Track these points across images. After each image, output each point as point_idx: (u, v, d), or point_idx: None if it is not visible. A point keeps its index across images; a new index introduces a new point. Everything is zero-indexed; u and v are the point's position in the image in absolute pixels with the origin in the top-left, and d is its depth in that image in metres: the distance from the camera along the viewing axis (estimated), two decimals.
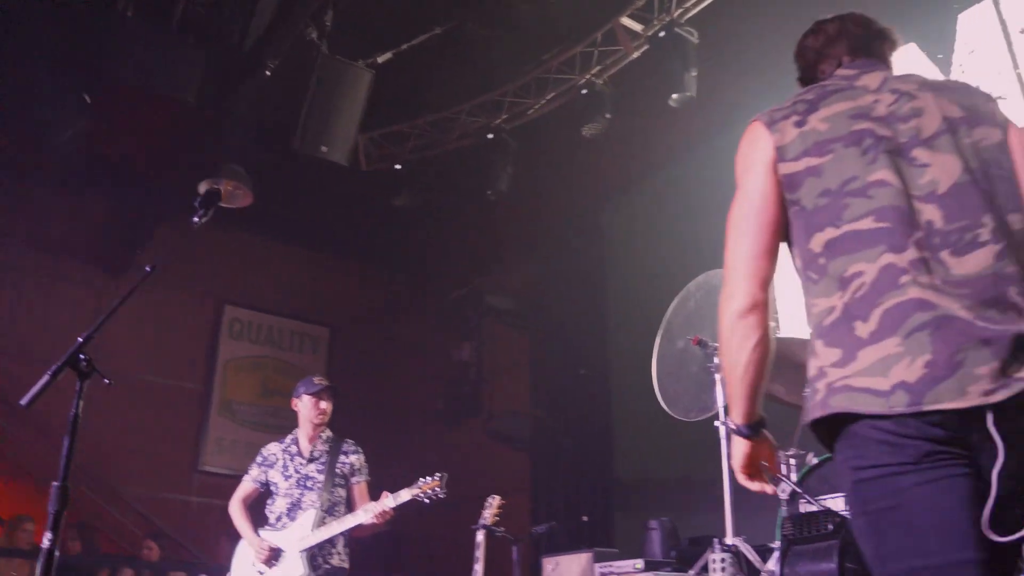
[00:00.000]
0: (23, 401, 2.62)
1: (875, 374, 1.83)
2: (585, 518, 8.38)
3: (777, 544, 4.56)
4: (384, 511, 5.02)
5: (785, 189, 2.11)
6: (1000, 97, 6.72)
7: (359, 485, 5.42)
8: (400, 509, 5.08)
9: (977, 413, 1.76)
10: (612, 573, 5.59)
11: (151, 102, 8.17)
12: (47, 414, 10.02)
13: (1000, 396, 1.74)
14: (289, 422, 5.64)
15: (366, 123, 8.73)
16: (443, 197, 10.69)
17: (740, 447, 2.24)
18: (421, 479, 5.05)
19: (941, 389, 1.76)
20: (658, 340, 5.07)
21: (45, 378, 2.64)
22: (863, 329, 1.88)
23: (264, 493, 5.47)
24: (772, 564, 4.42)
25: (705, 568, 4.58)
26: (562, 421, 9.35)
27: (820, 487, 4.46)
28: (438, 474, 5.02)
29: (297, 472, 5.36)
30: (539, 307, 10.22)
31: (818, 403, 1.93)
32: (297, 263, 12.01)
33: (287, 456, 5.45)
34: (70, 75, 7.74)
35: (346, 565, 5.29)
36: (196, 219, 3.13)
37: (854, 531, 1.96)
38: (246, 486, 5.50)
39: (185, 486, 10.63)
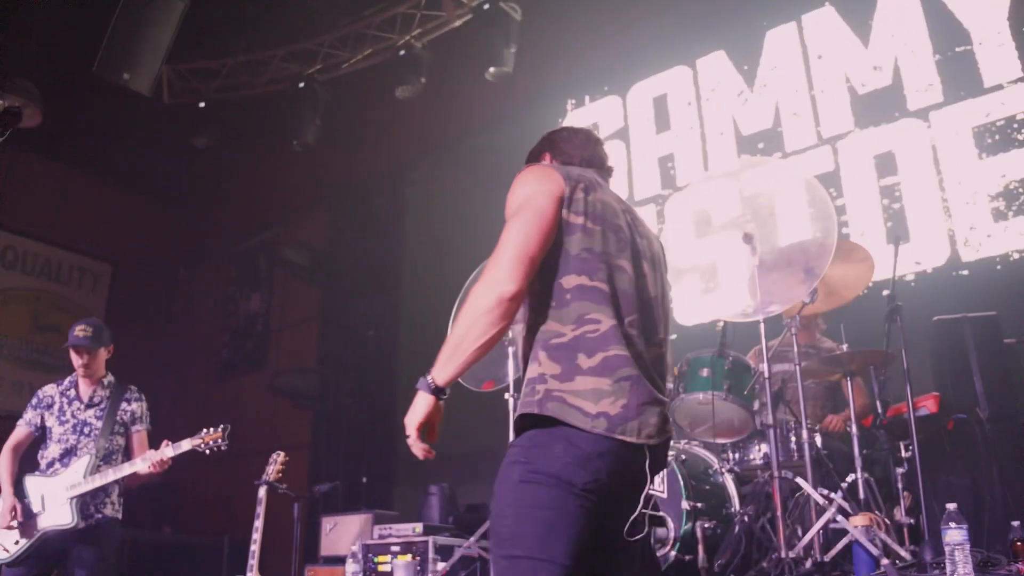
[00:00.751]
0: None
1: (586, 399, 2.33)
2: (364, 479, 8.38)
3: None
4: (163, 460, 4.88)
5: (558, 229, 2.51)
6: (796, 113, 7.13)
7: (139, 434, 5.23)
8: (176, 460, 4.96)
9: (642, 448, 2.38)
10: (391, 535, 5.62)
11: None
12: None
13: (656, 441, 2.38)
14: (63, 362, 5.36)
15: (174, 55, 8.34)
16: (245, 141, 10.38)
17: (425, 405, 2.42)
18: (204, 430, 4.93)
19: (628, 426, 2.33)
20: (455, 309, 5.11)
21: None
22: (584, 362, 2.38)
23: (40, 438, 5.19)
24: None
25: (485, 535, 4.68)
26: (348, 381, 9.29)
27: None
28: (221, 425, 4.92)
29: (74, 417, 5.13)
30: (333, 264, 10.06)
31: (535, 402, 2.37)
32: (84, 193, 11.34)
33: (64, 400, 5.20)
34: None
35: (119, 515, 5.11)
36: None
37: (498, 513, 2.34)
38: (19, 431, 5.20)
39: None
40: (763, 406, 4.63)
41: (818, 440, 4.62)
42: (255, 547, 5.41)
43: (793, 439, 4.63)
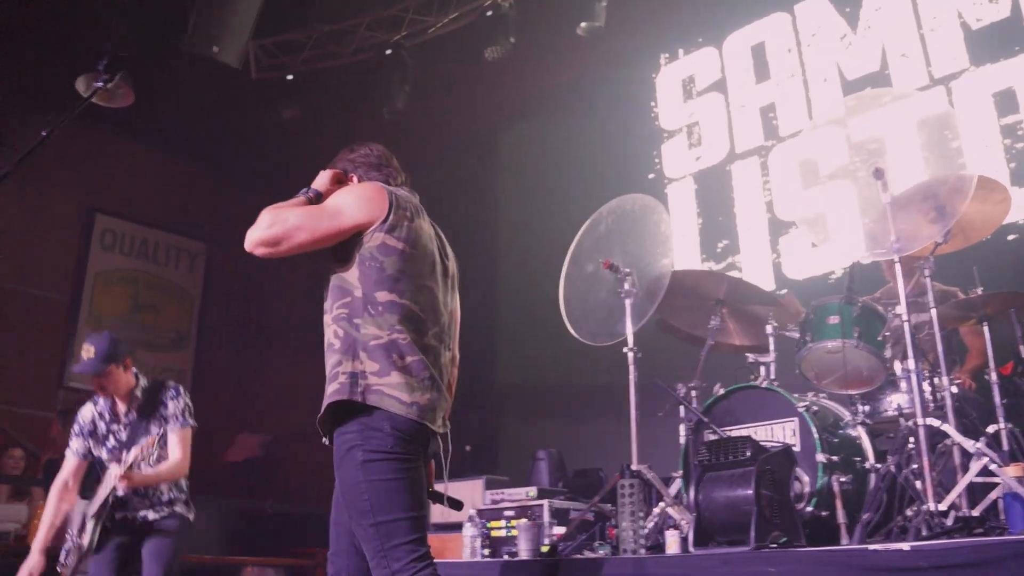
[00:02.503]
0: None
1: (401, 391, 2.84)
2: (468, 448, 8.29)
3: (679, 474, 4.55)
4: (121, 475, 4.42)
5: (376, 248, 2.97)
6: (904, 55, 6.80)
7: (176, 432, 4.75)
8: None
9: (436, 435, 2.97)
10: (504, 500, 5.50)
11: None
12: None
13: (443, 431, 3.01)
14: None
15: (259, 30, 8.29)
16: (334, 112, 10.32)
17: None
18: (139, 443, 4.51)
19: (431, 415, 2.88)
20: (566, 264, 4.95)
21: None
22: (398, 362, 2.87)
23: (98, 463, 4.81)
24: (674, 491, 4.41)
25: (606, 499, 4.53)
26: None
27: (725, 417, 4.45)
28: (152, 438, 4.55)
29: (117, 441, 4.74)
30: None
31: (358, 392, 2.84)
32: (176, 173, 11.38)
33: (103, 423, 4.80)
34: None
35: (167, 517, 4.80)
36: (99, 84, 2.91)
37: (353, 490, 2.80)
38: (70, 462, 4.78)
39: (49, 402, 10.05)
40: (895, 354, 4.39)
41: (953, 389, 4.35)
42: None
43: (928, 388, 4.35)
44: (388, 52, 8.93)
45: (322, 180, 3.26)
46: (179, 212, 11.51)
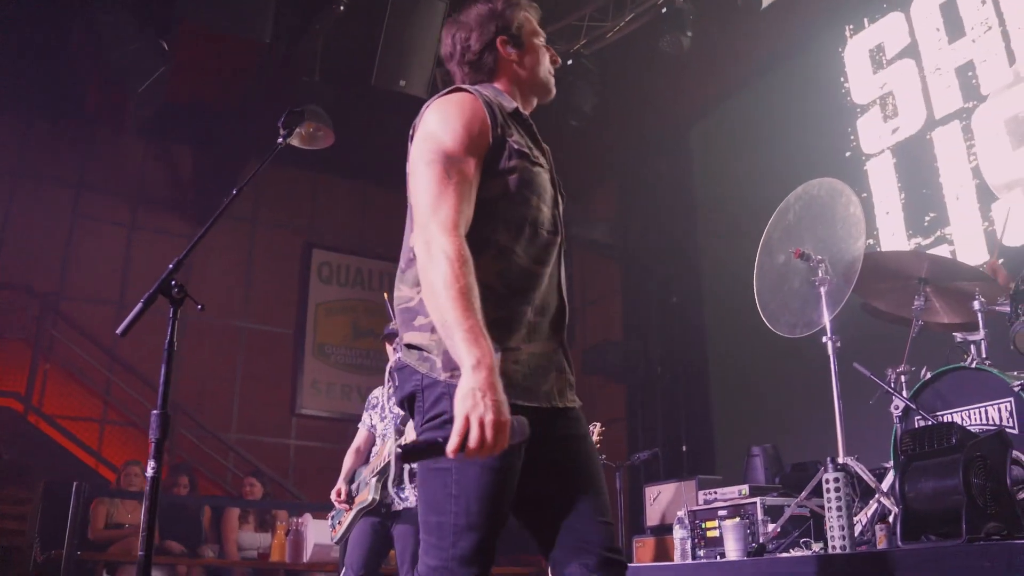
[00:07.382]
0: (119, 330, 2.58)
1: None
2: (684, 447, 8.26)
3: (891, 464, 4.37)
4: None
5: None
6: None
7: None
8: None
9: None
10: (717, 500, 5.43)
11: (225, 44, 8.08)
12: (150, 368, 10.30)
13: None
14: (381, 363, 5.59)
15: (441, 57, 8.55)
16: None
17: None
18: None
19: None
20: (758, 256, 4.85)
21: (139, 306, 2.60)
22: None
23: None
24: (886, 485, 4.25)
25: (815, 491, 4.41)
26: (657, 350, 9.17)
27: (935, 402, 4.25)
28: None
29: (392, 412, 5.28)
30: (628, 234, 9.97)
31: None
32: (381, 203, 11.87)
33: (385, 397, 5.40)
34: (144, 19, 7.73)
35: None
36: (280, 140, 3.12)
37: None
38: (360, 433, 5.46)
39: (285, 430, 10.72)
40: None
41: None
42: None
43: None
44: (569, 62, 9.00)
45: None
46: (387, 240, 11.98)
